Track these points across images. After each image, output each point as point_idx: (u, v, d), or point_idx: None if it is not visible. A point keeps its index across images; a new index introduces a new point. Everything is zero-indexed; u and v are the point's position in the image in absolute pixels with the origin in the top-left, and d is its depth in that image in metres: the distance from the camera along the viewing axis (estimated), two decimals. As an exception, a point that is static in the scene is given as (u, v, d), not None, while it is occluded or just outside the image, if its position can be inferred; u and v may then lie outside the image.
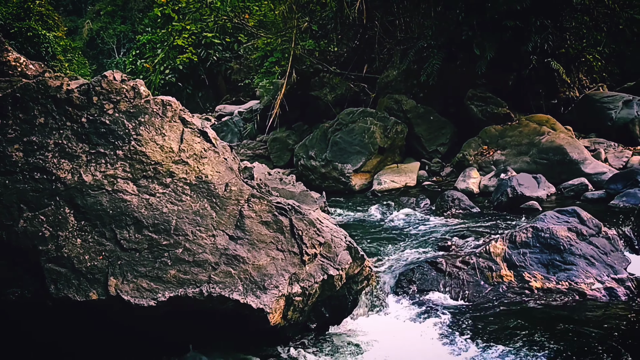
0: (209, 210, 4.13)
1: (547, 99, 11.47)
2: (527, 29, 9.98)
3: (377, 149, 10.75)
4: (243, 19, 16.31)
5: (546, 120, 10.63)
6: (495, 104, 11.18)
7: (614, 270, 5.38)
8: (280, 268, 4.08)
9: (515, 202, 7.93)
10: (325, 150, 11.00)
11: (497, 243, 5.69)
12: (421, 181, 10.36)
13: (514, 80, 11.36)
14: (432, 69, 10.79)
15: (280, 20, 14.11)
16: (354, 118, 11.36)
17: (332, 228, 4.57)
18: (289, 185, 5.49)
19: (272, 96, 13.34)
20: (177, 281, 3.86)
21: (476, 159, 10.25)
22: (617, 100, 11.16)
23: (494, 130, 10.72)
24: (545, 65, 10.92)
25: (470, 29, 10.48)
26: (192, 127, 4.35)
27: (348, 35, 14.03)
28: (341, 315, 4.69)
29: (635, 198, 7.32)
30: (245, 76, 20.29)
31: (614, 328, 4.50)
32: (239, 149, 13.09)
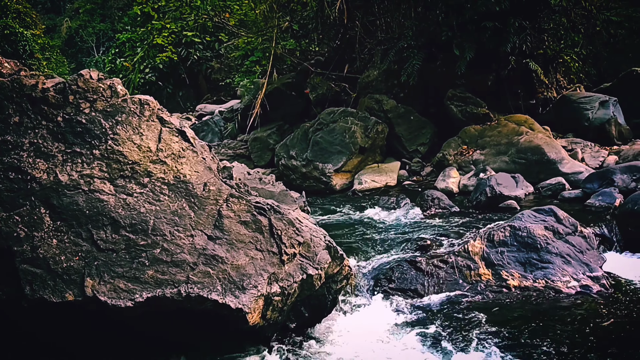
0: (187, 210, 4.11)
1: (526, 99, 11.60)
2: (505, 30, 10.09)
3: (358, 148, 10.78)
4: (223, 18, 16.24)
5: (524, 120, 10.76)
6: (474, 104, 11.27)
7: (590, 268, 5.46)
8: (259, 268, 4.07)
9: (494, 201, 8.01)
10: (306, 150, 10.99)
11: (475, 242, 5.74)
12: (402, 181, 10.41)
13: (493, 81, 11.47)
14: (413, 69, 10.85)
15: (261, 20, 14.07)
16: (334, 118, 11.37)
17: (312, 227, 4.57)
18: (269, 185, 5.48)
19: (253, 95, 13.30)
20: (155, 281, 3.83)
21: (456, 158, 10.33)
22: (593, 101, 11.32)
23: (473, 130, 10.81)
24: (523, 66, 11.05)
25: (450, 30, 10.57)
26: (170, 127, 4.32)
27: (329, 35, 14.05)
28: (320, 315, 4.69)
29: (611, 197, 7.44)
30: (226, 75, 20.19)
31: (589, 325, 4.57)
32: (219, 148, 13.03)
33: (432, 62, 11.30)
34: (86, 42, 35.85)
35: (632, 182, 7.87)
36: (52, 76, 4.37)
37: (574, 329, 4.49)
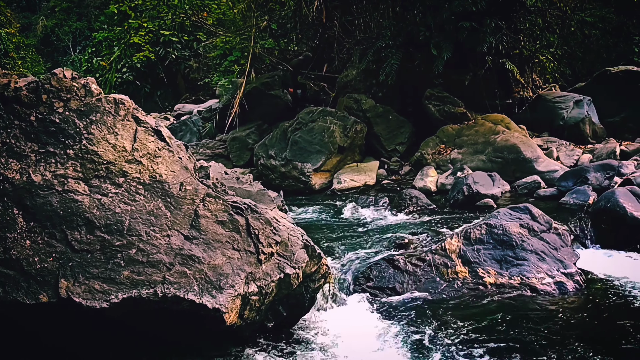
0: (164, 210, 4.08)
1: (502, 98, 11.72)
2: (482, 30, 10.19)
3: (336, 148, 10.80)
4: (201, 17, 16.15)
5: (501, 119, 10.88)
6: (452, 103, 11.36)
7: (564, 265, 5.55)
8: (237, 267, 4.06)
9: (471, 199, 8.09)
10: (285, 150, 10.98)
11: (452, 240, 5.79)
12: (380, 180, 10.46)
13: (470, 80, 11.57)
14: (391, 69, 10.90)
15: (239, 19, 14.01)
16: (313, 117, 11.38)
17: (289, 227, 4.57)
18: (246, 184, 5.47)
19: (232, 95, 13.24)
20: (131, 282, 3.80)
21: (434, 157, 10.40)
22: (568, 100, 11.49)
23: (451, 129, 10.90)
24: (500, 66, 11.16)
25: (428, 30, 10.64)
26: (145, 126, 4.29)
27: (307, 35, 14.06)
28: (299, 314, 4.69)
29: (585, 195, 7.56)
30: (204, 75, 20.07)
31: (563, 320, 4.65)
32: (198, 148, 12.94)
33: (410, 62, 11.36)
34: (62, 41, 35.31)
35: (606, 180, 8.01)
36: (25, 75, 4.31)
37: (548, 325, 4.56)
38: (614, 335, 4.35)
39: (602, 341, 4.28)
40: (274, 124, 12.50)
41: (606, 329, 4.47)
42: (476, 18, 10.25)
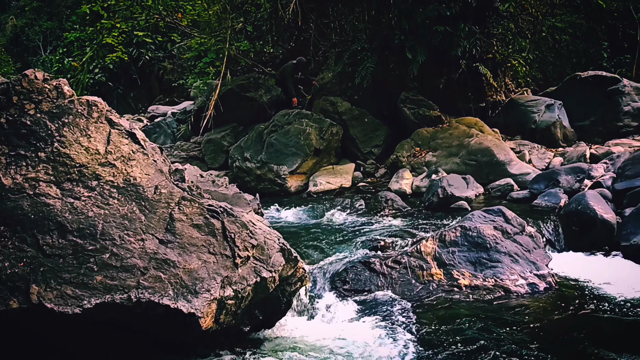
0: (138, 214, 4.03)
1: (476, 102, 11.87)
2: (456, 35, 10.31)
3: (312, 150, 10.80)
4: (176, 18, 16.00)
5: (475, 122, 11.01)
6: (427, 106, 11.46)
7: (537, 266, 5.63)
8: (212, 271, 4.03)
9: (446, 202, 8.16)
10: (260, 152, 10.94)
11: (427, 242, 5.84)
12: (356, 182, 10.49)
13: (444, 84, 11.69)
14: (366, 72, 10.95)
15: (215, 20, 13.92)
16: (289, 120, 11.36)
17: (265, 230, 4.55)
18: (222, 187, 5.43)
19: (207, 97, 13.14)
20: (104, 287, 3.74)
21: (409, 160, 10.48)
22: (540, 104, 11.68)
23: (425, 132, 10.99)
24: (473, 70, 11.30)
25: (403, 33, 10.72)
26: (119, 128, 4.23)
27: (283, 37, 14.03)
28: (275, 318, 4.67)
29: (556, 197, 7.69)
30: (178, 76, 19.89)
31: (536, 321, 4.72)
32: (172, 150, 12.81)
33: (385, 65, 11.43)
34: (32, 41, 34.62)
35: (576, 182, 8.16)
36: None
37: (521, 326, 4.62)
38: (584, 334, 4.43)
39: (573, 341, 4.36)
40: (250, 126, 12.44)
41: (577, 329, 4.55)
42: (450, 22, 10.37)
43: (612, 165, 8.70)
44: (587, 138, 11.53)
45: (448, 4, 10.32)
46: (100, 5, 19.84)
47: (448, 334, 4.55)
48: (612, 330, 4.50)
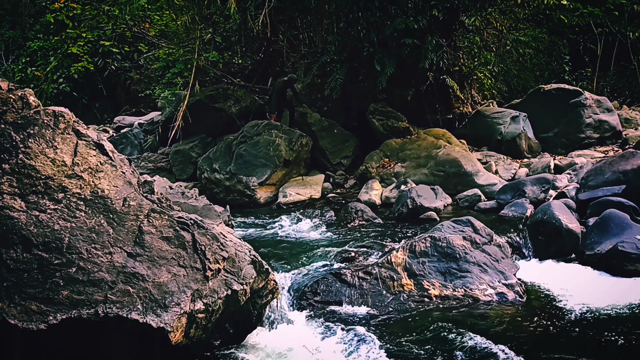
0: (106, 227, 3.95)
1: (443, 114, 12.03)
2: (424, 48, 10.45)
3: (282, 161, 10.77)
4: (143, 28, 15.83)
5: (442, 134, 11.16)
6: (395, 118, 11.57)
7: (505, 276, 5.72)
8: (182, 285, 3.97)
9: (415, 212, 8.23)
10: (229, 163, 10.86)
11: (397, 253, 5.87)
12: (326, 193, 10.49)
13: (412, 96, 11.83)
14: (336, 83, 11.01)
15: (183, 31, 13.83)
16: (258, 131, 11.32)
17: (236, 242, 4.51)
18: (192, 199, 5.37)
19: (175, 108, 13.01)
20: (71, 302, 3.65)
21: (378, 171, 10.54)
22: (505, 116, 11.90)
23: (394, 143, 11.09)
24: (441, 82, 11.47)
25: (371, 46, 10.82)
26: (87, 140, 4.15)
27: (252, 48, 14.02)
28: (246, 331, 4.62)
29: (522, 208, 7.83)
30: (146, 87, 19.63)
31: (505, 330, 4.78)
32: (139, 161, 12.62)
33: (354, 77, 11.51)
34: (-6, 50, 33.85)
35: (541, 193, 8.33)
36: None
37: (490, 335, 4.67)
38: (551, 342, 4.51)
39: (540, 349, 4.42)
40: (219, 137, 12.36)
41: (544, 337, 4.63)
42: (418, 35, 10.51)
43: (575, 176, 8.91)
44: (551, 149, 11.80)
45: (416, 18, 10.48)
46: (65, 15, 19.49)
47: (419, 344, 4.57)
48: (577, 337, 4.58)
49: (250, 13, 11.32)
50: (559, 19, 13.15)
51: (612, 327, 4.70)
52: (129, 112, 20.10)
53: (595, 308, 5.12)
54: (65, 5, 19.40)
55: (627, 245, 5.97)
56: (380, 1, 10.51)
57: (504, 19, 12.61)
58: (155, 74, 18.08)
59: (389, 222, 8.30)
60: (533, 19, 13.92)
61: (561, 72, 16.77)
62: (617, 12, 15.43)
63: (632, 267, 5.83)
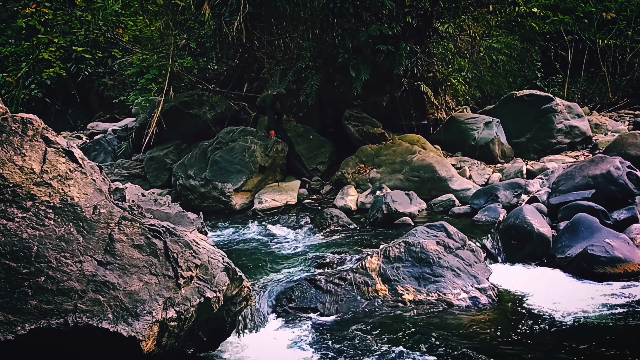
0: (76, 235, 3.89)
1: (418, 119, 12.14)
2: (398, 54, 10.53)
3: (257, 167, 10.75)
4: (117, 34, 15.67)
5: (417, 139, 11.25)
6: (370, 124, 11.64)
7: (478, 280, 5.78)
8: (154, 293, 3.93)
9: (390, 218, 8.27)
10: (204, 170, 10.80)
11: (372, 258, 5.89)
12: (302, 199, 10.49)
13: (387, 102, 11.90)
14: (311, 90, 11.02)
15: (157, 37, 13.72)
16: (234, 137, 11.29)
17: (209, 249, 4.48)
18: (164, 206, 5.32)
19: (149, 114, 12.89)
20: (39, 312, 3.59)
21: (354, 177, 10.58)
22: (479, 122, 12.05)
23: (369, 149, 11.15)
24: (415, 88, 11.57)
25: (346, 52, 10.88)
26: (56, 147, 4.09)
27: (227, 54, 13.97)
28: (219, 338, 4.59)
29: (495, 212, 7.93)
30: (119, 93, 19.42)
31: (477, 333, 4.83)
32: (113, 168, 12.47)
33: (329, 83, 11.55)
34: (-37, 55, 33.17)
35: (514, 197, 8.45)
36: None
37: (463, 339, 4.72)
38: (523, 346, 4.57)
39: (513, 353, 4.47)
40: (193, 144, 12.28)
41: (516, 341, 4.68)
42: (392, 42, 10.60)
43: (547, 181, 9.06)
44: (524, 154, 11.98)
45: (390, 24, 10.56)
46: (37, 20, 19.20)
47: (393, 349, 4.59)
48: (547, 341, 4.65)
49: (225, 19, 11.28)
50: (531, 26, 13.37)
51: (581, 330, 4.79)
52: (102, 119, 19.88)
53: (565, 311, 5.21)
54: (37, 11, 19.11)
55: (597, 249, 6.08)
56: (354, 8, 10.57)
57: (477, 26, 12.78)
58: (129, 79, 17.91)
59: (364, 227, 8.33)
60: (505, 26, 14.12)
61: (533, 79, 17.06)
62: (587, 19, 15.78)
63: (602, 270, 5.94)
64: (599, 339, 4.59)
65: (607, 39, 16.35)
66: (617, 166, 7.79)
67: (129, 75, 17.77)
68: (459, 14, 12.02)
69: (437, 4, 11.28)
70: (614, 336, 4.64)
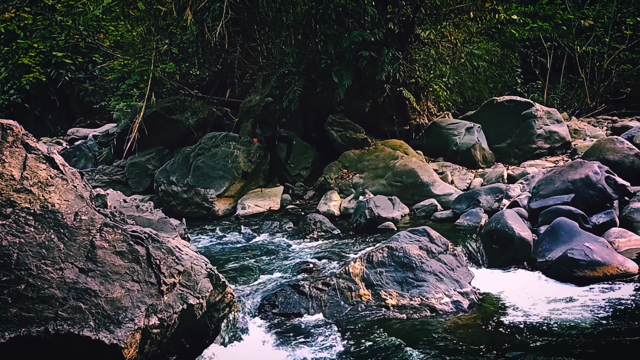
0: (56, 242, 3.85)
1: (400, 125, 12.22)
2: (380, 60, 10.61)
3: (240, 173, 10.73)
4: (98, 39, 15.55)
5: (400, 145, 11.33)
6: (353, 129, 11.69)
7: (460, 284, 5.82)
8: (136, 300, 3.90)
9: (373, 223, 8.31)
10: (187, 175, 10.75)
11: (355, 263, 5.91)
12: (285, 205, 10.49)
13: (370, 107, 11.97)
14: (294, 95, 11.05)
15: (139, 42, 13.65)
16: (216, 142, 11.26)
17: (192, 255, 4.46)
18: (147, 212, 5.28)
19: (130, 119, 12.80)
20: (19, 320, 3.54)
21: (337, 182, 10.61)
22: (460, 127, 12.17)
23: (352, 154, 11.19)
24: (397, 94, 11.65)
25: (329, 58, 10.93)
26: (36, 153, 4.05)
27: (210, 60, 13.94)
28: (202, 345, 4.56)
29: (477, 217, 8.00)
30: (100, 98, 19.27)
31: (459, 337, 4.86)
32: (94, 174, 12.35)
33: (312, 89, 11.58)
34: (-60, 60, 32.65)
35: (495, 202, 8.53)
36: None
37: (446, 343, 4.74)
38: (504, 349, 4.60)
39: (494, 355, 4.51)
40: (176, 149, 12.23)
41: (497, 344, 4.72)
42: (375, 48, 10.67)
43: (527, 185, 9.17)
44: (505, 159, 12.11)
45: (372, 30, 10.63)
46: (16, 25, 18.98)
47: (376, 354, 4.60)
48: (528, 344, 4.69)
49: (208, 24, 11.27)
50: (511, 33, 13.55)
51: (562, 333, 4.84)
52: (83, 124, 19.69)
53: (546, 315, 5.27)
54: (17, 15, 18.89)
55: (576, 253, 6.16)
56: (337, 14, 10.63)
57: (458, 32, 12.92)
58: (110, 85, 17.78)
59: (347, 232, 8.35)
60: (486, 32, 14.30)
61: (513, 84, 17.28)
62: (565, 27, 16.04)
63: (581, 273, 6.02)
64: (579, 341, 4.64)
65: (585, 46, 16.62)
66: (595, 171, 7.92)
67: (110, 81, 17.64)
68: (441, 20, 12.14)
69: (418, 11, 11.39)
70: (593, 338, 4.70)
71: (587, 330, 4.86)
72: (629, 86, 17.14)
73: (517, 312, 5.38)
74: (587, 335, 4.76)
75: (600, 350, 4.47)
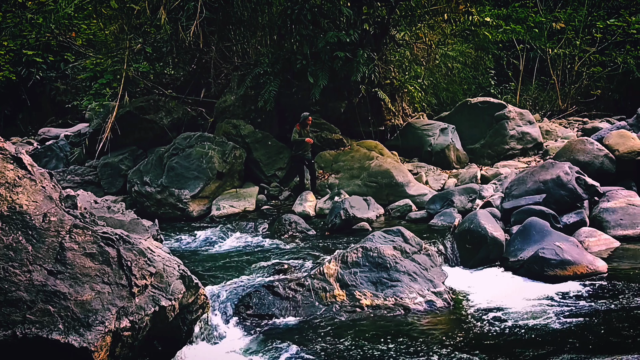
0: (24, 244, 3.77)
1: (376, 125, 12.26)
2: (356, 61, 10.63)
3: (215, 174, 10.64)
4: (69, 37, 15.29)
5: (375, 145, 11.37)
6: (329, 130, 11.70)
7: (434, 284, 5.86)
8: (107, 302, 3.84)
9: (348, 223, 8.32)
10: (161, 176, 10.62)
11: (330, 264, 5.91)
12: (260, 205, 10.44)
13: (345, 108, 11.99)
14: (269, 95, 11.01)
15: (112, 41, 13.47)
16: (191, 143, 11.15)
17: (165, 257, 4.41)
18: (118, 213, 5.21)
19: (103, 119, 12.61)
20: (-15, 324, 3.46)
21: (312, 182, 10.59)
22: (434, 128, 12.26)
23: (328, 155, 11.20)
24: (373, 95, 11.69)
25: (304, 58, 10.91)
26: (3, 153, 3.96)
27: (184, 59, 13.80)
28: (175, 347, 4.51)
29: (451, 217, 8.07)
30: (72, 97, 18.94)
31: (432, 335, 4.90)
32: (65, 175, 12.12)
33: (288, 89, 11.55)
34: None
35: (469, 202, 8.62)
36: None
37: (418, 341, 4.78)
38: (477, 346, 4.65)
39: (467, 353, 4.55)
40: (150, 150, 12.07)
41: (471, 341, 4.77)
42: (350, 49, 10.70)
43: (500, 186, 9.29)
44: (478, 160, 12.24)
45: (347, 31, 10.65)
46: (-16, 22, 18.58)
47: (350, 354, 4.61)
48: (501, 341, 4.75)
49: (182, 24, 11.17)
50: (484, 35, 13.73)
51: (532, 330, 4.91)
52: (54, 124, 19.33)
53: (517, 312, 5.34)
54: (-15, 13, 18.48)
55: (547, 252, 6.26)
56: (312, 15, 10.63)
57: (432, 34, 13.03)
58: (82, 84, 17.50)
59: (322, 233, 8.36)
60: (460, 34, 14.45)
61: (487, 86, 17.47)
62: (537, 29, 16.28)
63: (552, 272, 6.12)
64: (549, 338, 4.71)
65: (557, 49, 16.89)
66: (566, 171, 8.05)
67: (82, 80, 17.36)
68: (415, 22, 12.23)
69: (393, 12, 11.45)
70: (563, 335, 4.77)
71: (557, 328, 4.93)
72: (599, 88, 17.47)
73: (489, 311, 5.44)
74: (556, 332, 4.83)
75: (569, 346, 4.55)
